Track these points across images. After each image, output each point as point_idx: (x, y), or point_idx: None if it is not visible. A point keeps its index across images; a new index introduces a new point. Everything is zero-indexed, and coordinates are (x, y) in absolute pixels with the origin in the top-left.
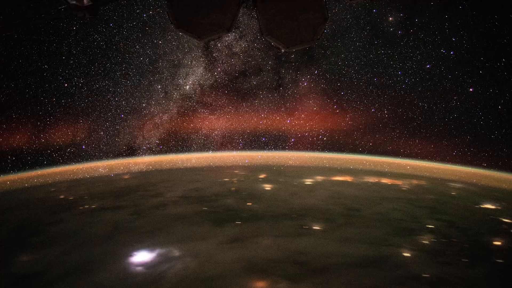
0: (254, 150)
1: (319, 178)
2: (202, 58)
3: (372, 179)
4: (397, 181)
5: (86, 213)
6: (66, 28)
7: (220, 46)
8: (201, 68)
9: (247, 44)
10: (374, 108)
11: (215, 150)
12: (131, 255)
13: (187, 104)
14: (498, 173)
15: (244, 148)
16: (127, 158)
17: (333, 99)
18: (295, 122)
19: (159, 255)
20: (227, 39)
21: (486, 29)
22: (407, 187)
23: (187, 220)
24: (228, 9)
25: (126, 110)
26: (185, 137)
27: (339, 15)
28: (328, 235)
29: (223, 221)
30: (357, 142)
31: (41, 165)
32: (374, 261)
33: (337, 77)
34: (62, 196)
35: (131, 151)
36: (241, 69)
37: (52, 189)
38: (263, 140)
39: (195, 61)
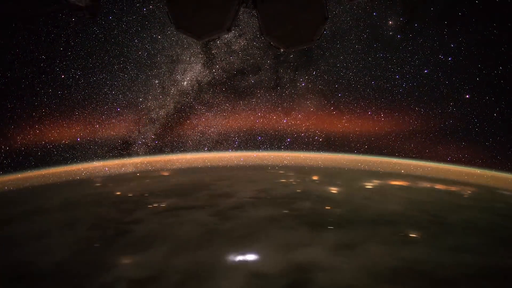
0: (249, 148)
1: (376, 181)
2: (201, 55)
3: (425, 184)
4: (451, 187)
5: (162, 212)
6: (64, 19)
7: (219, 43)
8: (199, 64)
9: (246, 43)
10: (370, 111)
11: (211, 147)
12: (245, 262)
13: (184, 100)
14: None
15: (240, 146)
16: (140, 157)
17: (330, 100)
18: (291, 122)
19: (275, 263)
20: (226, 36)
21: (484, 37)
22: (466, 193)
23: (277, 223)
24: (228, 9)
25: (123, 104)
26: (181, 133)
27: (339, 17)
28: (432, 244)
29: (316, 225)
30: (353, 145)
31: (35, 156)
32: (496, 273)
33: (335, 78)
34: (118, 193)
35: (126, 145)
36: (239, 67)
37: (97, 184)
38: (259, 139)
39: (193, 57)
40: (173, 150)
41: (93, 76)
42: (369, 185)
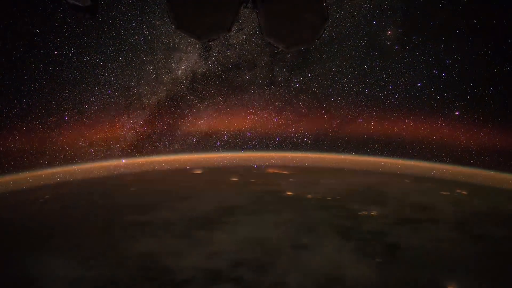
0: (238, 143)
1: None
2: (198, 45)
3: None
4: None
5: (394, 225)
6: None
7: None
8: (196, 55)
9: (245, 38)
10: (361, 118)
11: (200, 138)
12: None
13: (177, 89)
14: None
15: (229, 140)
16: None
17: (322, 103)
18: (282, 122)
19: None
20: None
21: (479, 56)
22: None
23: None
24: (229, 9)
25: (114, 87)
26: (171, 122)
27: (339, 22)
28: None
29: None
30: (341, 150)
31: (20, 131)
32: None
33: (329, 82)
34: (289, 193)
35: (114, 129)
36: (235, 62)
37: (234, 179)
38: (248, 135)
39: (190, 47)
40: (161, 138)
41: (86, 56)
42: None
